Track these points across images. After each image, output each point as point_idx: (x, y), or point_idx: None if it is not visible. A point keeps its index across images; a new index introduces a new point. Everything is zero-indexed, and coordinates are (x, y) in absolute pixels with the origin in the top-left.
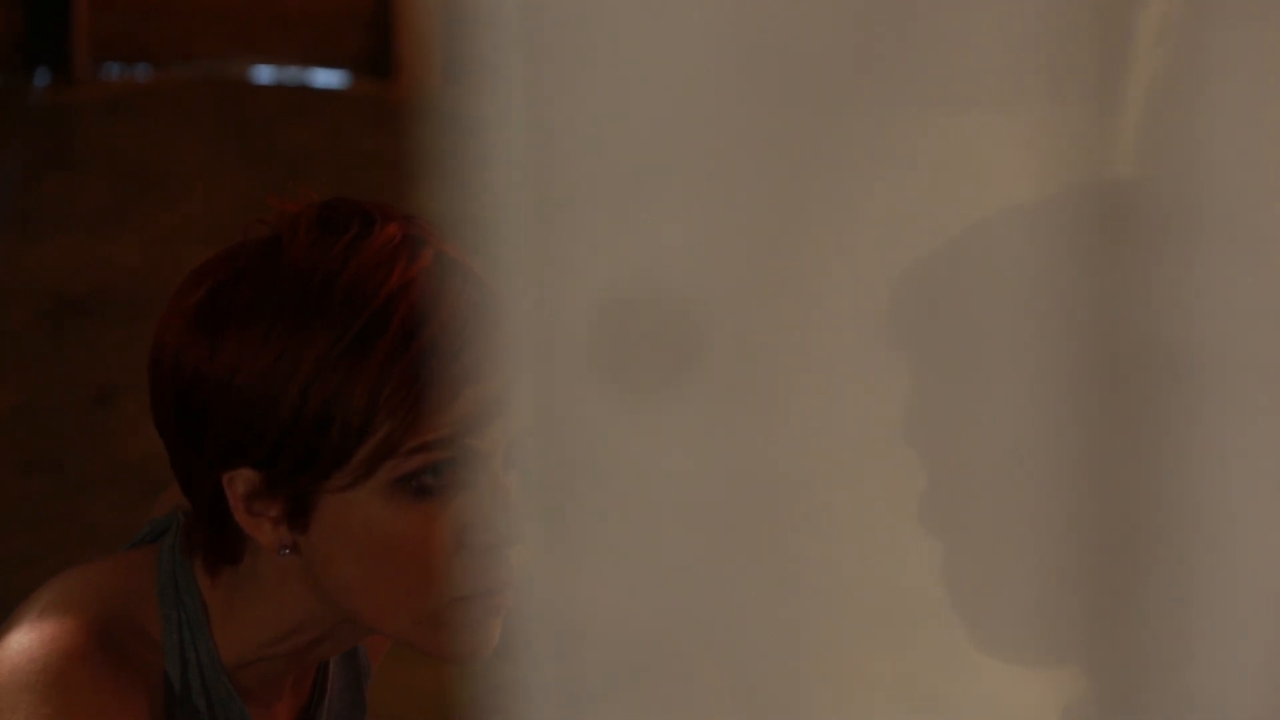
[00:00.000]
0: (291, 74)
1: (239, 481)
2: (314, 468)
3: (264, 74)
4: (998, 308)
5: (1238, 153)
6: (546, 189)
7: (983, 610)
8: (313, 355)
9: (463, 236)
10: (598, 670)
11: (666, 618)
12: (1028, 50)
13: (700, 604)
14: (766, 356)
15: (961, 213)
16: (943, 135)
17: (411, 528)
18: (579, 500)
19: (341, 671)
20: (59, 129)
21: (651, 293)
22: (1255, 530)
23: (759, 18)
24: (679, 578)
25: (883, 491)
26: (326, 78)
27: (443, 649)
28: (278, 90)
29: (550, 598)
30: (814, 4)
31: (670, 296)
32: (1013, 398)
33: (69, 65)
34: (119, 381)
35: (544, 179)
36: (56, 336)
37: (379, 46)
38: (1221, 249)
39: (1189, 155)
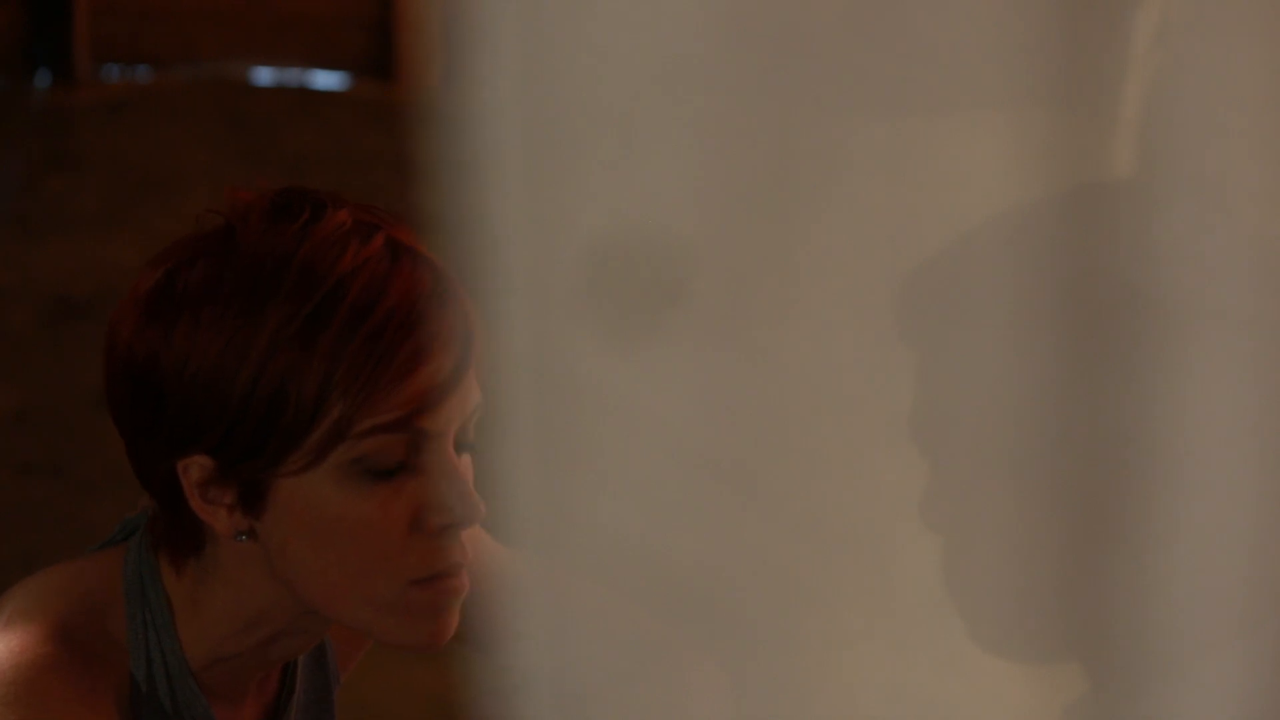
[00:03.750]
0: (292, 75)
1: (193, 468)
2: (268, 452)
3: (265, 75)
4: (977, 265)
5: (1213, 130)
6: (540, 137)
7: (962, 560)
8: (265, 337)
9: (462, 236)
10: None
11: (656, 554)
12: (1030, 49)
13: (689, 542)
14: (753, 300)
15: (946, 170)
16: (931, 94)
17: (366, 510)
18: (570, 440)
19: (310, 675)
20: (60, 131)
21: (642, 238)
22: (1236, 491)
23: None
24: (668, 516)
25: (868, 430)
26: (327, 79)
27: (402, 635)
28: (278, 92)
29: (541, 536)
30: None
31: (660, 241)
32: (994, 356)
33: (70, 67)
34: None
35: (538, 127)
36: (57, 338)
37: (380, 48)
38: (1192, 208)
39: (1179, 152)
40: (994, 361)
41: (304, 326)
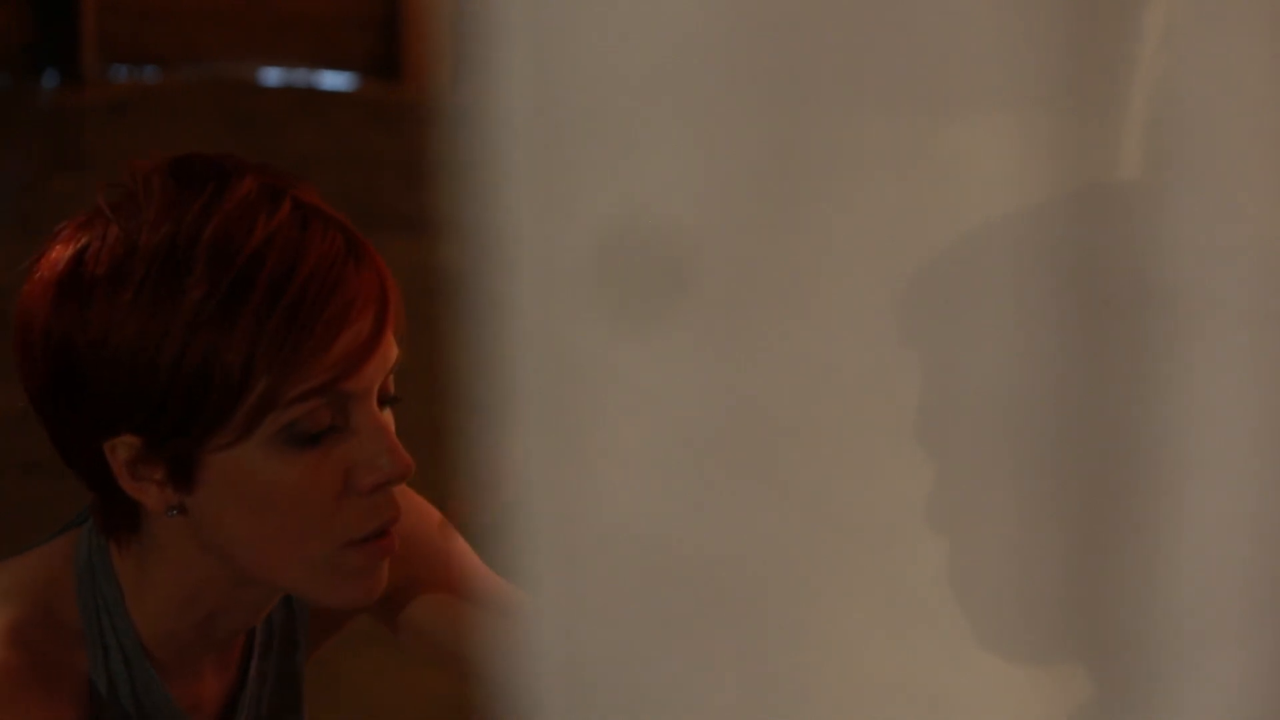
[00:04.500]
0: (299, 76)
1: (120, 448)
2: (196, 428)
3: (271, 76)
4: (984, 262)
5: (1220, 128)
6: (549, 129)
7: (965, 539)
8: (185, 317)
9: (470, 235)
10: (596, 593)
11: (664, 543)
12: (1037, 50)
13: (697, 531)
14: (761, 291)
15: (953, 167)
16: (938, 92)
17: (297, 477)
18: (579, 429)
19: (277, 654)
20: (67, 130)
21: (650, 226)
22: (1243, 491)
23: None
24: (677, 504)
25: (875, 423)
26: (334, 79)
27: (336, 597)
28: (285, 92)
29: (551, 525)
30: None
31: (669, 232)
32: (1001, 353)
33: (77, 67)
34: None
35: (546, 119)
36: None
37: (387, 48)
38: (1200, 206)
39: (1186, 151)
40: (1001, 358)
41: (222, 304)
